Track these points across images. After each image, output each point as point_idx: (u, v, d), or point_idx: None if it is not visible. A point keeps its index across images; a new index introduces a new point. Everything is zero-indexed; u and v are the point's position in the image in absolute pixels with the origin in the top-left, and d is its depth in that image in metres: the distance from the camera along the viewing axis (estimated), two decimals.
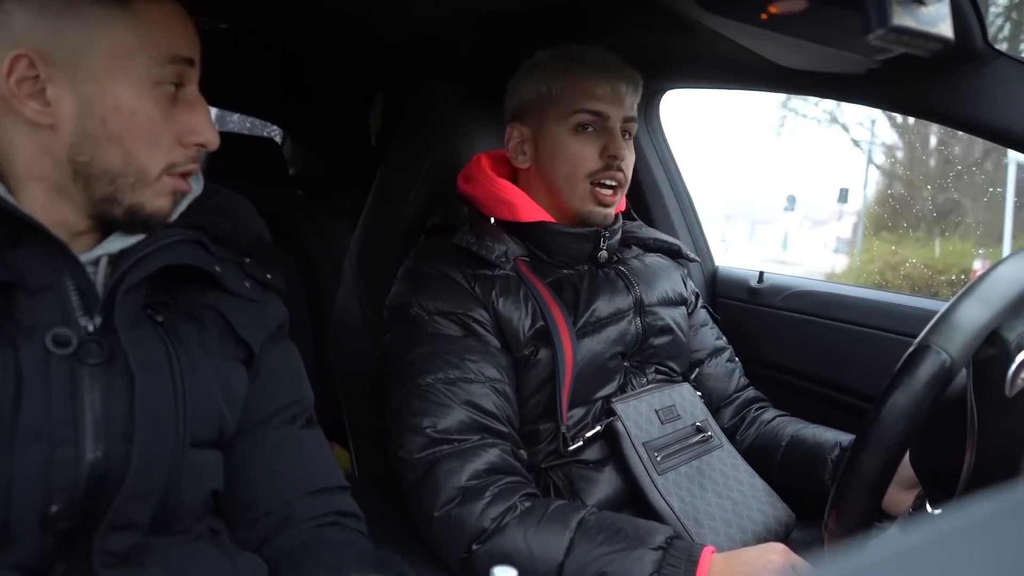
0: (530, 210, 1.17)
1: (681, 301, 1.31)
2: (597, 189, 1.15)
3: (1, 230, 0.70)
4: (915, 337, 0.77)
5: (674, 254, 1.35)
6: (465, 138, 1.33)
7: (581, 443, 1.09)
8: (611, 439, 1.11)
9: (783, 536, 1.13)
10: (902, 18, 0.57)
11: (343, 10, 1.42)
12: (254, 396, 0.85)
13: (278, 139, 2.55)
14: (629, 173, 1.18)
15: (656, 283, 1.26)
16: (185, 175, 0.77)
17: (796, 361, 1.55)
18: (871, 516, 0.71)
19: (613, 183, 1.16)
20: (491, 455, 1.00)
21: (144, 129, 0.72)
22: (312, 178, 2.29)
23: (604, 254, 1.21)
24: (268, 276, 0.87)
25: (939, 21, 0.59)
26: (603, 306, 1.16)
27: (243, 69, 1.81)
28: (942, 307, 0.86)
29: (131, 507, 0.70)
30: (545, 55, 1.20)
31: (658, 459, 1.10)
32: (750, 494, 1.13)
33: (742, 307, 1.65)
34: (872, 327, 1.43)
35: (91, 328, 0.72)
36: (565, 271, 1.18)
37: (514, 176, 1.24)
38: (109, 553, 0.69)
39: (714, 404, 1.32)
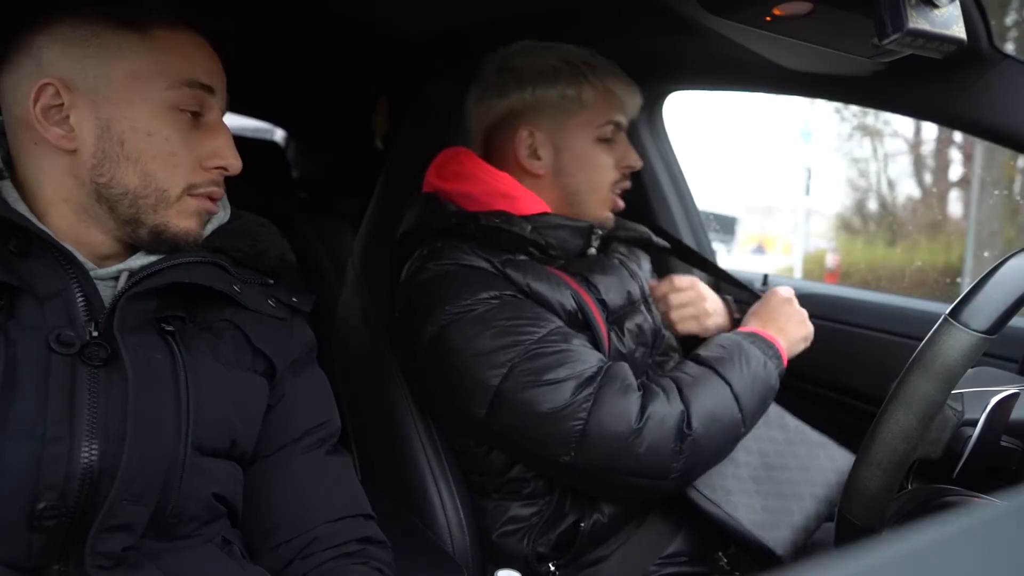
0: (530, 202, 1.12)
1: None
2: (614, 197, 1.17)
3: (11, 241, 0.73)
4: (921, 340, 0.76)
5: (644, 244, 1.28)
6: (467, 141, 1.33)
7: None
8: None
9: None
10: (917, 22, 0.57)
11: (347, 12, 1.42)
12: (279, 418, 0.85)
13: (279, 140, 2.55)
14: None
15: (640, 274, 1.22)
16: (210, 197, 0.80)
17: (800, 364, 1.55)
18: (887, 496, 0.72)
19: (623, 191, 1.18)
20: (626, 367, 1.02)
21: (160, 150, 0.76)
22: (315, 181, 2.29)
23: (593, 251, 1.17)
24: (294, 300, 0.89)
25: (952, 23, 0.59)
26: (614, 293, 1.11)
27: (247, 71, 1.81)
28: (947, 309, 0.86)
29: (124, 508, 0.70)
30: (563, 58, 1.13)
31: None
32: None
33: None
34: (878, 330, 1.43)
35: (94, 332, 0.73)
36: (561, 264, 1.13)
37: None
38: (102, 554, 0.69)
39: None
